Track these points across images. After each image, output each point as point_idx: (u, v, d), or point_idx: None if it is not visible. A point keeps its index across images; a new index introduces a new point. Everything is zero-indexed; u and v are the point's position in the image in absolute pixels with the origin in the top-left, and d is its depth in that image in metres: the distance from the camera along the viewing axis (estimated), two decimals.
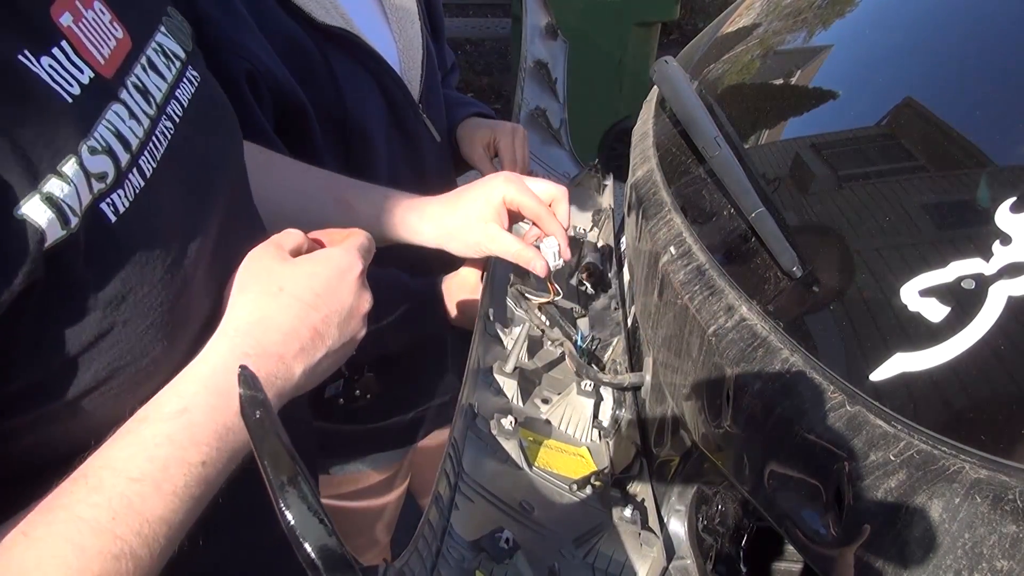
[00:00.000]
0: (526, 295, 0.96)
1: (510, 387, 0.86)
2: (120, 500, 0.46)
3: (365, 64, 1.00)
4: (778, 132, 0.84)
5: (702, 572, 0.72)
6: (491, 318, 0.93)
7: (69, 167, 0.44)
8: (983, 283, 0.53)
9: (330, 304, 0.60)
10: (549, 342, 0.95)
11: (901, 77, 0.78)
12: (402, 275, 1.04)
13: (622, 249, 1.12)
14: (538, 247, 0.92)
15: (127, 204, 0.48)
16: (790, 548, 0.76)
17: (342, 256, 0.63)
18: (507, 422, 0.76)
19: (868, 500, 0.48)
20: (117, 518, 0.45)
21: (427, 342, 1.17)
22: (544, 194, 0.93)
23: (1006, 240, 0.54)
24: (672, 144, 0.91)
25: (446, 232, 0.91)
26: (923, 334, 0.53)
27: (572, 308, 1.01)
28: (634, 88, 3.43)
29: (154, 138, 0.53)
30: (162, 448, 0.48)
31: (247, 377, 0.36)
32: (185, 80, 0.59)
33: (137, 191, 0.49)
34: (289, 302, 0.58)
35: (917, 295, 0.55)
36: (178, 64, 0.59)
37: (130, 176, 0.49)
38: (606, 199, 1.31)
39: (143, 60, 0.55)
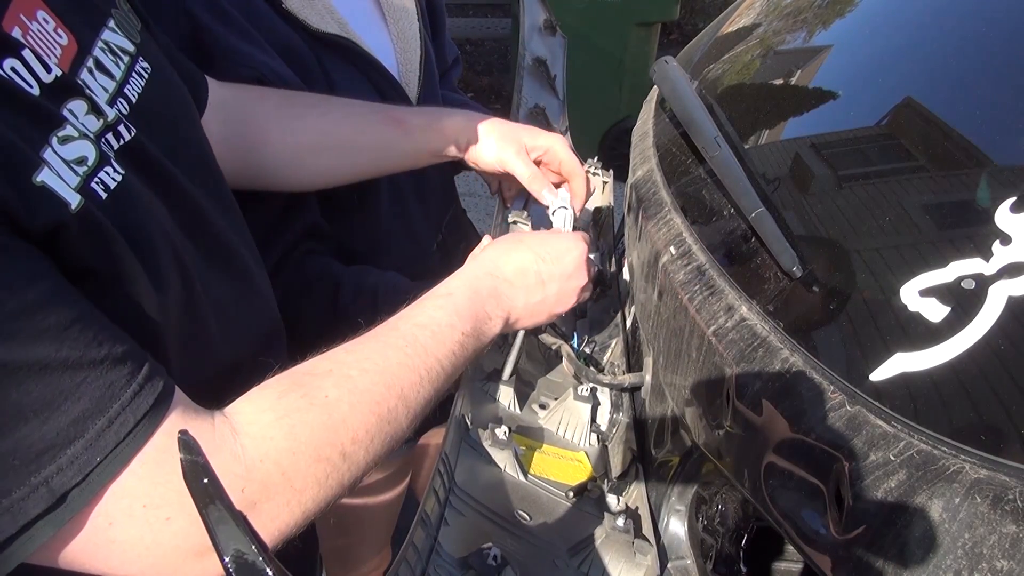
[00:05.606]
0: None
1: (506, 394, 0.85)
2: (410, 336, 0.63)
3: (362, 69, 1.00)
4: (778, 132, 0.84)
5: (702, 572, 0.72)
6: None
7: (48, 154, 0.47)
8: (983, 283, 0.53)
9: (555, 264, 0.78)
10: (546, 346, 0.94)
11: (901, 77, 0.78)
12: (402, 277, 1.04)
13: (622, 249, 1.12)
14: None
15: (118, 179, 0.52)
16: (790, 548, 0.76)
17: (572, 236, 0.84)
18: (501, 432, 0.76)
19: (868, 500, 0.48)
20: (408, 347, 0.62)
21: None
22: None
23: (1006, 240, 0.54)
24: (672, 144, 0.91)
25: (484, 135, 0.99)
26: (923, 334, 0.52)
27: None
28: (634, 88, 3.43)
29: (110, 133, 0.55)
30: (437, 312, 0.67)
31: (187, 443, 0.36)
32: (134, 75, 0.61)
33: (119, 171, 0.52)
34: (526, 250, 0.78)
35: (917, 295, 0.55)
36: (126, 59, 0.61)
37: (108, 156, 0.52)
38: (606, 198, 1.31)
39: (89, 63, 0.56)
